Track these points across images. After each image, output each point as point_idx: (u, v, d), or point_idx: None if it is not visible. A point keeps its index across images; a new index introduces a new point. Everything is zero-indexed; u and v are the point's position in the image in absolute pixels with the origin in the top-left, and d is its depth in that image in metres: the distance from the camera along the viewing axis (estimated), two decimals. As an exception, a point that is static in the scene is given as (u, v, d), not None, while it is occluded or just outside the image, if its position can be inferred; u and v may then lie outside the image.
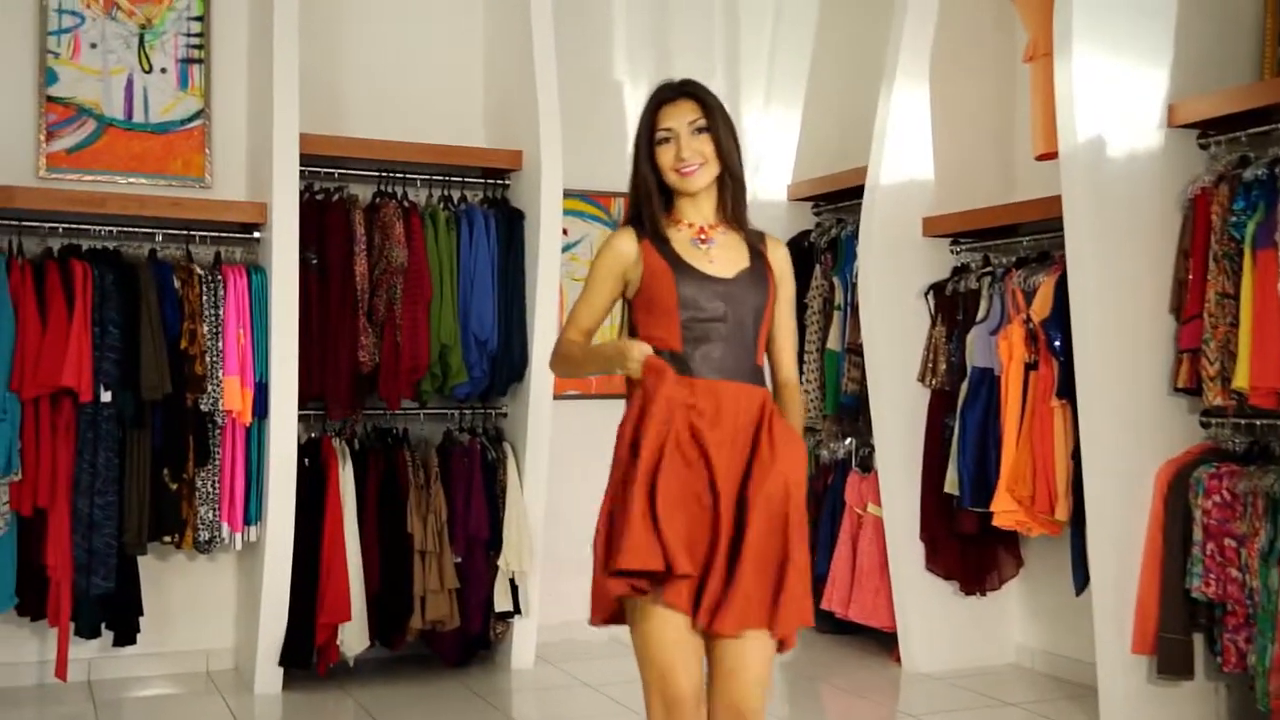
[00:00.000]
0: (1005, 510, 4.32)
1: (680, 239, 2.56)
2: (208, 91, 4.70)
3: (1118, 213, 3.91)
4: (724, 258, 2.56)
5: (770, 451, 2.44)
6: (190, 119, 4.69)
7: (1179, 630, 3.83)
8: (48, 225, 4.33)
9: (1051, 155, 4.19)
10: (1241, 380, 3.64)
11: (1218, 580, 3.72)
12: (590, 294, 2.60)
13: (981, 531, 4.52)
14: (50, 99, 4.51)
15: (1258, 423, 3.85)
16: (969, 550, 4.65)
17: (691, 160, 2.52)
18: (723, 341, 2.51)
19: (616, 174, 5.31)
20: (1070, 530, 4.22)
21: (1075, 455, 4.08)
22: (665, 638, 2.40)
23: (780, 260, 2.66)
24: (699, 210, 2.59)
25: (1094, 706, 4.00)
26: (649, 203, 2.56)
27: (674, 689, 2.40)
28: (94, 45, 4.58)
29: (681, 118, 2.53)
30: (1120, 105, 3.92)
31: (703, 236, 2.57)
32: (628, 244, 2.56)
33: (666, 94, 2.57)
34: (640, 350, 2.43)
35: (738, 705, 2.42)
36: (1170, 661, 3.84)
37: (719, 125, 2.54)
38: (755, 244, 2.62)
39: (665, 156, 2.53)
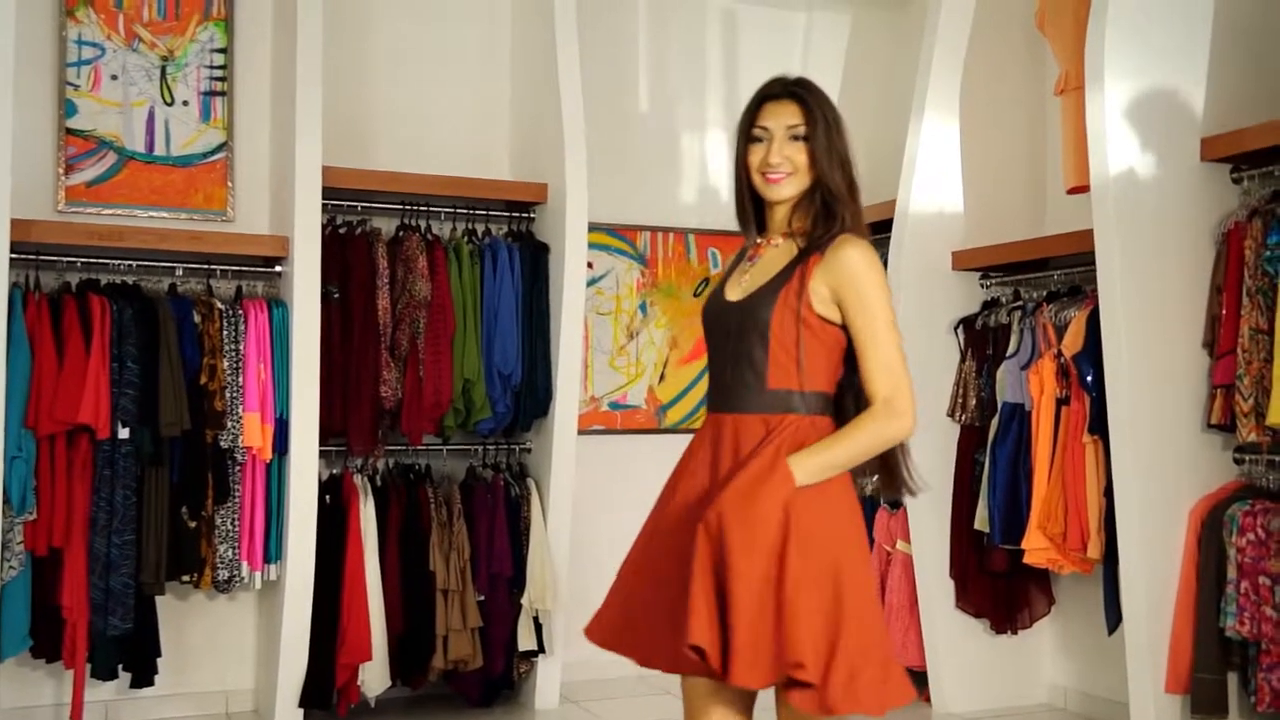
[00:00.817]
0: (1037, 548, 4.27)
1: (743, 259, 2.49)
2: (230, 124, 4.67)
3: (1150, 247, 3.89)
4: (756, 275, 2.40)
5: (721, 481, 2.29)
6: (212, 152, 4.66)
7: (1213, 669, 3.78)
8: (66, 259, 4.29)
9: (1083, 189, 4.17)
10: (1276, 416, 3.60)
11: (1252, 619, 3.68)
12: None
13: (1012, 569, 4.47)
14: (70, 131, 4.48)
15: (1293, 460, 3.81)
16: (1000, 588, 4.60)
17: (779, 167, 2.35)
18: (731, 370, 2.37)
19: (643, 207, 5.40)
20: (1103, 568, 4.18)
21: (1108, 492, 4.03)
22: (691, 700, 2.41)
23: (837, 263, 2.31)
24: (779, 220, 2.42)
25: (1130, 748, 3.96)
26: (740, 208, 2.45)
27: None
28: (115, 77, 4.56)
29: (780, 119, 2.37)
30: (1152, 139, 3.90)
31: (751, 255, 2.45)
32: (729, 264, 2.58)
33: (773, 89, 2.41)
34: None
35: None
36: (1204, 701, 3.79)
37: (820, 135, 2.35)
38: (809, 252, 2.35)
39: (754, 156, 2.39)
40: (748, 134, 2.40)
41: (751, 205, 2.45)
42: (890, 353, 2.30)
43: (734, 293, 2.41)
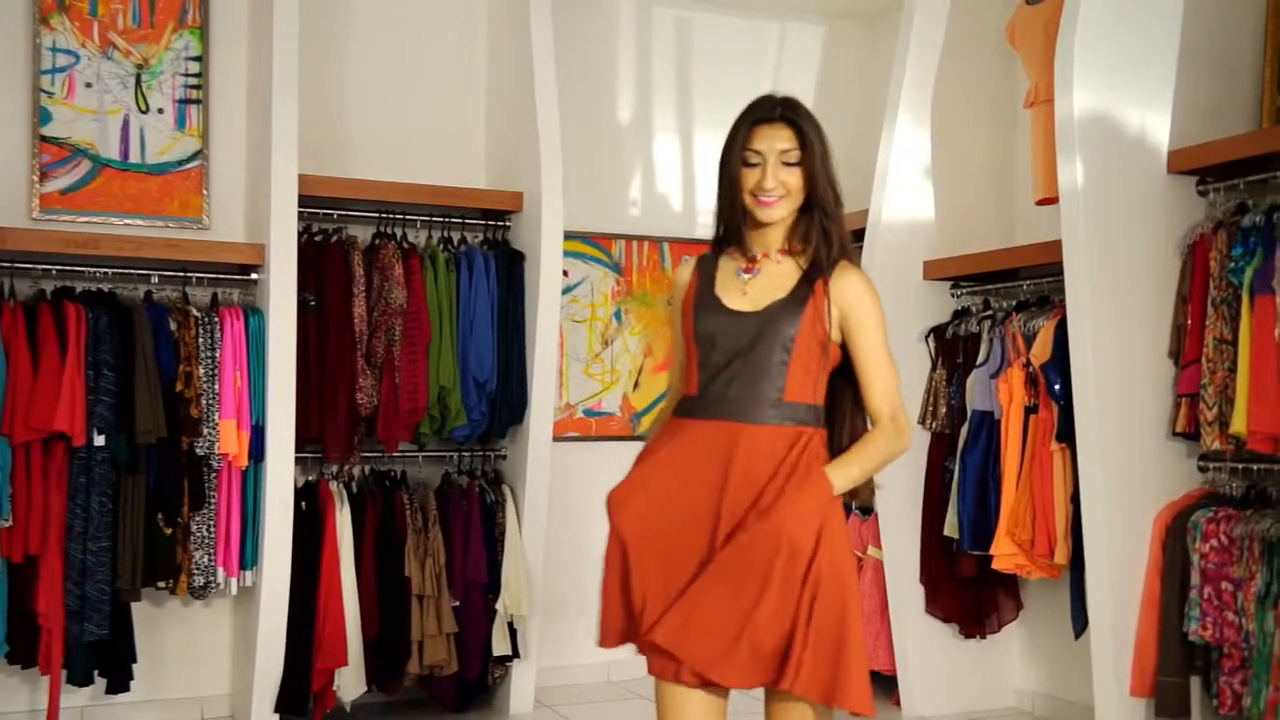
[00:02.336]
0: (1005, 553, 4.34)
1: (728, 268, 2.50)
2: (206, 132, 4.68)
3: (1117, 258, 3.94)
4: (762, 288, 2.45)
5: (772, 498, 2.35)
6: (188, 160, 4.66)
7: (1176, 673, 3.85)
8: (40, 267, 4.29)
9: (1052, 200, 4.22)
10: (1239, 425, 3.67)
11: (1214, 623, 3.75)
12: (665, 330, 2.61)
13: (981, 575, 4.53)
14: (44, 139, 4.48)
15: (1255, 467, 3.86)
16: (969, 593, 4.66)
17: (773, 192, 2.41)
18: (738, 379, 2.40)
19: (618, 216, 5.44)
20: (1069, 573, 4.23)
21: (1075, 499, 4.10)
22: (670, 703, 2.40)
23: (844, 288, 2.44)
24: (765, 238, 2.48)
25: (1095, 750, 4.02)
26: (730, 222, 2.49)
27: None
28: (89, 85, 4.56)
29: (773, 143, 2.40)
30: (1120, 151, 3.96)
31: (747, 267, 2.48)
32: (682, 275, 2.57)
33: (764, 113, 2.44)
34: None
35: None
36: (1167, 704, 3.86)
37: (813, 159, 2.41)
38: (815, 273, 2.44)
39: (748, 179, 2.42)
40: (737, 154, 2.43)
41: (744, 220, 2.49)
42: (891, 375, 2.48)
43: (738, 303, 2.44)
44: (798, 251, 2.48)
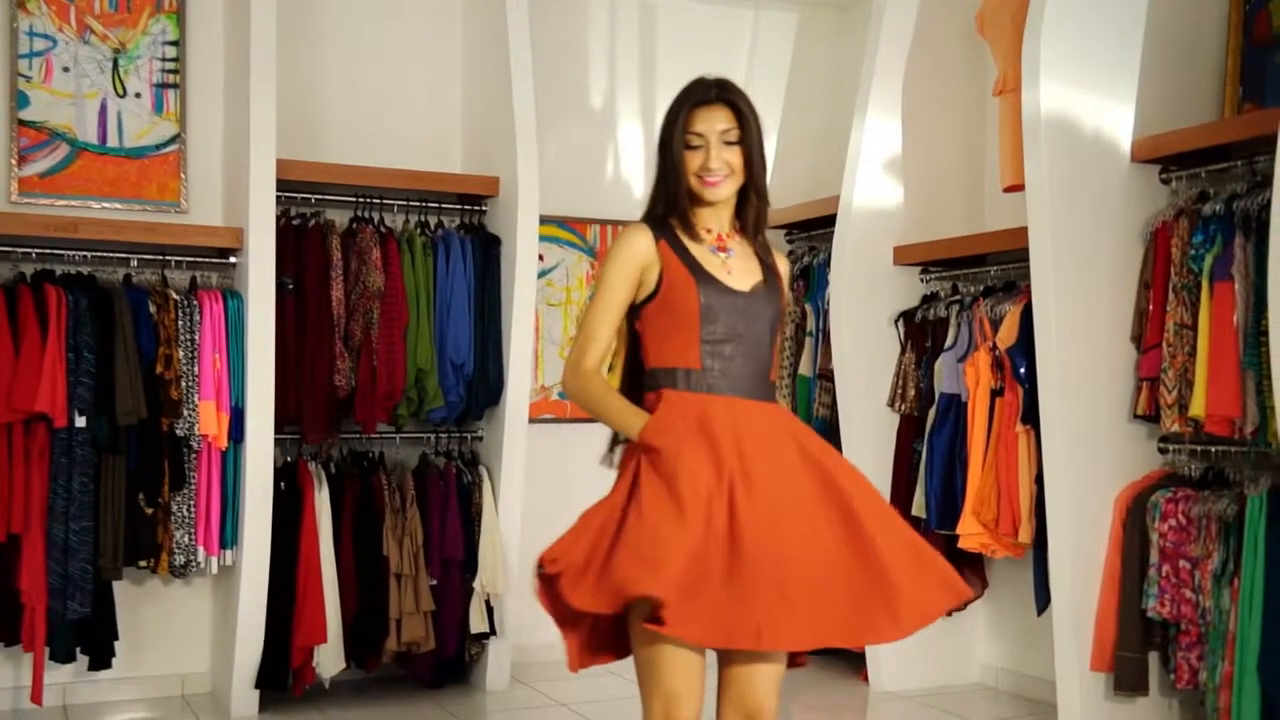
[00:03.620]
0: (970, 533, 4.42)
1: (698, 246, 2.49)
2: (183, 116, 4.71)
3: (1081, 244, 4.01)
4: (740, 269, 2.50)
5: (791, 469, 2.39)
6: (165, 144, 4.69)
7: (1135, 648, 3.94)
8: (20, 250, 4.32)
9: (1019, 187, 4.27)
10: (1198, 408, 3.75)
11: (1172, 600, 3.84)
12: (606, 299, 2.47)
13: (948, 554, 4.49)
14: (22, 123, 4.50)
15: (1213, 449, 3.94)
16: (936, 571, 4.74)
17: (719, 171, 2.45)
18: (742, 358, 2.45)
19: (592, 201, 5.48)
20: (1033, 552, 4.32)
21: (1038, 479, 4.17)
22: (676, 663, 2.36)
23: (784, 273, 2.62)
24: (717, 218, 2.52)
25: (1056, 723, 4.12)
26: (675, 203, 2.48)
27: (680, 713, 2.37)
28: (66, 69, 4.58)
29: (714, 124, 2.45)
30: (1085, 140, 4.01)
31: (721, 245, 2.51)
32: (644, 242, 2.46)
33: (702, 94, 2.47)
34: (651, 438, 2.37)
35: (757, 708, 2.41)
36: (1126, 678, 3.95)
37: (751, 138, 2.46)
38: (764, 256, 2.55)
39: (692, 162, 2.46)
40: (679, 137, 2.45)
41: (687, 205, 2.50)
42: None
43: (730, 281, 2.47)
44: (740, 231, 2.55)
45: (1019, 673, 4.79)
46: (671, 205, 2.49)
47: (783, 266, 2.64)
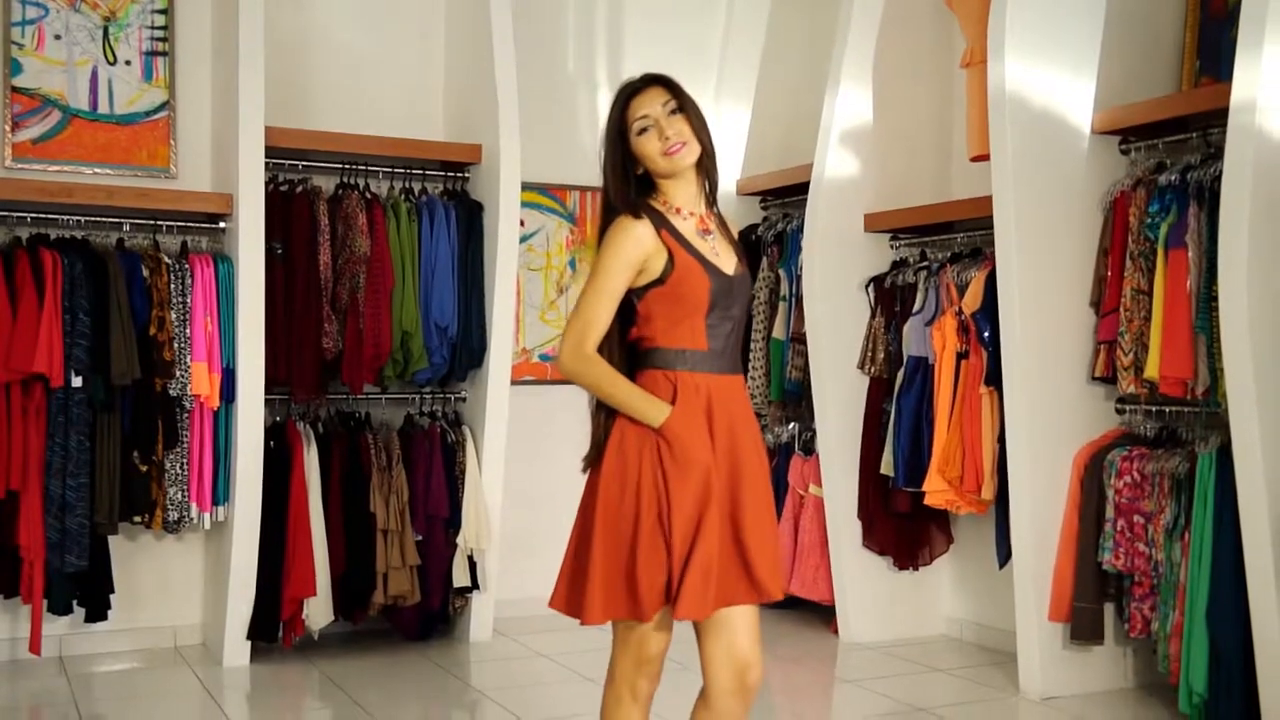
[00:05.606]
0: (936, 490, 4.55)
1: (687, 230, 2.56)
2: (172, 84, 4.80)
3: (1044, 212, 4.11)
4: (724, 251, 2.59)
5: (753, 439, 2.60)
6: (155, 111, 4.79)
7: (1091, 599, 4.08)
8: (16, 215, 4.42)
9: (985, 157, 4.35)
10: (1152, 370, 3.87)
11: (1126, 554, 3.97)
12: (607, 287, 2.52)
13: (914, 510, 4.74)
14: (15, 90, 4.59)
15: (1167, 409, 4.08)
16: (903, 528, 4.87)
17: (676, 139, 2.52)
18: (732, 336, 2.58)
19: (572, 167, 5.53)
20: (995, 509, 4.44)
21: (1001, 439, 4.28)
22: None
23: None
24: (687, 194, 2.59)
25: (1015, 671, 4.27)
26: (626, 192, 2.55)
27: (650, 650, 2.56)
28: (58, 37, 4.66)
29: (654, 103, 2.54)
30: (1048, 112, 4.12)
31: (704, 227, 2.59)
32: (647, 233, 2.51)
33: (634, 85, 2.58)
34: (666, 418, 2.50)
35: (745, 658, 2.53)
36: (1082, 628, 4.09)
37: (689, 105, 2.56)
38: (731, 234, 2.66)
39: (650, 144, 2.53)
40: (625, 131, 2.55)
41: (635, 191, 2.60)
42: None
43: (721, 264, 2.56)
44: (709, 206, 2.65)
45: (982, 624, 4.94)
46: (645, 193, 2.59)
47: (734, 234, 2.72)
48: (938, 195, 5.02)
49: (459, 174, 5.04)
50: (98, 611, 4.46)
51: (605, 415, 2.58)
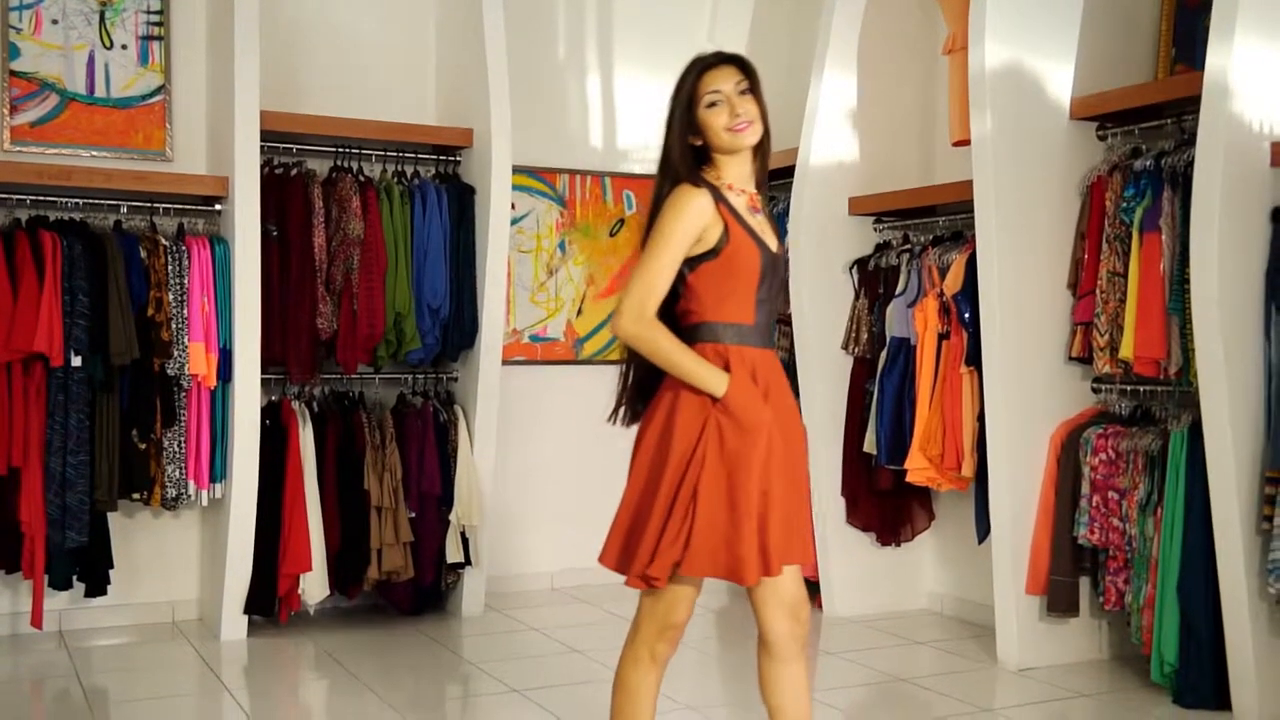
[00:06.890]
0: (918, 468, 4.62)
1: (740, 205, 2.61)
2: (168, 68, 4.86)
3: (1023, 197, 4.18)
4: (769, 230, 2.66)
5: (796, 412, 2.72)
6: (151, 94, 4.85)
7: (1067, 573, 4.16)
8: (15, 197, 4.48)
9: (966, 142, 4.40)
10: (1127, 351, 3.95)
11: (1101, 529, 4.06)
12: (668, 255, 2.52)
13: (897, 488, 4.82)
14: (13, 73, 4.65)
15: (1141, 389, 4.16)
16: (886, 505, 4.95)
17: (744, 117, 2.57)
18: (772, 312, 2.66)
19: (563, 151, 5.61)
20: (975, 486, 4.52)
21: (981, 417, 4.35)
22: (683, 579, 2.59)
23: None
24: (740, 172, 2.63)
25: (994, 643, 4.35)
26: (688, 160, 2.59)
27: (677, 616, 2.65)
28: (55, 21, 4.72)
29: (728, 80, 2.59)
30: (1027, 98, 4.19)
31: (755, 205, 2.64)
32: (708, 204, 2.54)
33: (709, 60, 2.63)
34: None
35: (795, 597, 2.65)
36: (1059, 601, 4.17)
37: (758, 89, 2.62)
38: (770, 215, 2.72)
39: (718, 118, 2.58)
40: (694, 103, 2.58)
41: (694, 162, 2.66)
42: None
43: (769, 241, 2.62)
44: (759, 188, 2.72)
45: (962, 598, 5.03)
46: (706, 167, 2.62)
47: None
48: (921, 180, 5.09)
49: (451, 157, 5.10)
50: (97, 586, 4.53)
51: (640, 375, 2.66)
